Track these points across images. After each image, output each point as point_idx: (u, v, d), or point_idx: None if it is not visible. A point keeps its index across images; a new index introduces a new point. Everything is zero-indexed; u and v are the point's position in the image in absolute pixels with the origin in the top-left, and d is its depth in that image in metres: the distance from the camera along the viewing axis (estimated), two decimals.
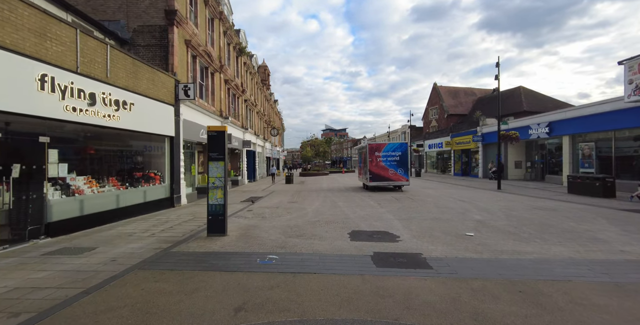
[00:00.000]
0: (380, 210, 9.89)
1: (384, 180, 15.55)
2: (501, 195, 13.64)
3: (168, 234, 6.78)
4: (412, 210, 9.74)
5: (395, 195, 14.15)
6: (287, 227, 7.44)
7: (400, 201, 11.99)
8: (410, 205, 10.81)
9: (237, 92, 21.77)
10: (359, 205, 10.94)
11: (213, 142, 6.58)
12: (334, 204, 11.40)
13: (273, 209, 10.44)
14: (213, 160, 6.54)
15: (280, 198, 13.64)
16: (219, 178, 6.52)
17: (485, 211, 9.51)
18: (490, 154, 26.52)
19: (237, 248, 5.63)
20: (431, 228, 7.27)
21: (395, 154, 15.63)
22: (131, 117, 8.61)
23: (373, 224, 7.76)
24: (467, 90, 46.14)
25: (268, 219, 8.54)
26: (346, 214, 9.15)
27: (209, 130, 6.59)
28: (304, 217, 8.70)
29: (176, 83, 11.25)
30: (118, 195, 8.44)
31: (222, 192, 6.51)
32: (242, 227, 7.49)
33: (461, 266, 4.69)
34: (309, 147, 55.61)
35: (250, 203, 12.02)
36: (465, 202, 11.69)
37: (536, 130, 19.78)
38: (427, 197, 13.30)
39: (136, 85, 8.91)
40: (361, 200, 12.39)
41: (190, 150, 13.59)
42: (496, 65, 17.29)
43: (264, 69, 34.87)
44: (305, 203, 11.83)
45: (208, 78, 15.87)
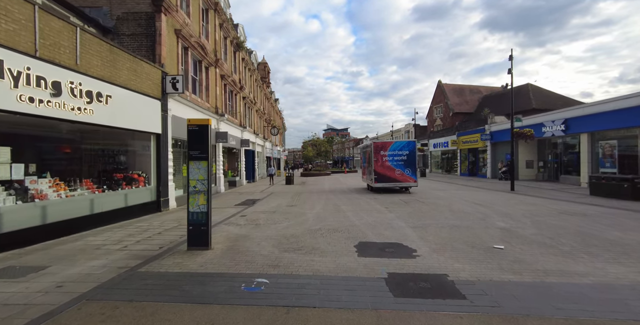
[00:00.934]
0: (389, 215, 8.85)
1: (390, 181, 14.50)
2: (517, 198, 12.56)
3: (142, 247, 5.76)
4: (425, 216, 8.69)
5: (403, 197, 13.10)
6: (283, 237, 6.41)
7: (410, 205, 10.94)
8: (421, 210, 9.76)
9: (235, 89, 20.78)
10: (365, 210, 9.90)
11: (194, 138, 5.56)
12: (336, 208, 10.37)
13: (269, 214, 9.42)
14: (194, 160, 5.52)
15: (279, 201, 12.62)
16: (201, 181, 5.50)
17: (507, 217, 8.45)
18: (499, 153, 25.42)
19: (219, 267, 4.60)
20: (451, 238, 6.22)
21: (402, 153, 14.58)
22: (108, 111, 7.61)
23: (383, 233, 6.72)
24: (472, 88, 44.98)
25: (262, 226, 7.52)
26: (351, 221, 8.12)
27: (189, 123, 5.57)
28: (303, 225, 7.67)
29: (163, 75, 10.25)
30: (92, 200, 7.44)
31: (205, 197, 5.50)
32: (230, 237, 6.47)
33: (502, 294, 3.65)
34: (310, 146, 54.60)
35: (245, 207, 11.00)
36: (481, 205, 10.63)
37: (551, 128, 18.67)
38: (438, 199, 12.24)
39: (114, 75, 7.91)
40: (367, 204, 11.35)
41: (180, 149, 12.59)
42: (509, 58, 16.18)
43: (264, 66, 33.85)
44: (306, 207, 10.80)
45: (202, 72, 14.87)
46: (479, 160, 28.90)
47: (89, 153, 8.82)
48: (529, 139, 18.24)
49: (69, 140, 8.14)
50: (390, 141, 14.77)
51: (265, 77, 33.72)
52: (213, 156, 16.61)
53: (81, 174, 7.99)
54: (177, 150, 12.20)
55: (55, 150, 7.86)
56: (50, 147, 7.75)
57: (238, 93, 21.76)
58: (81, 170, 8.33)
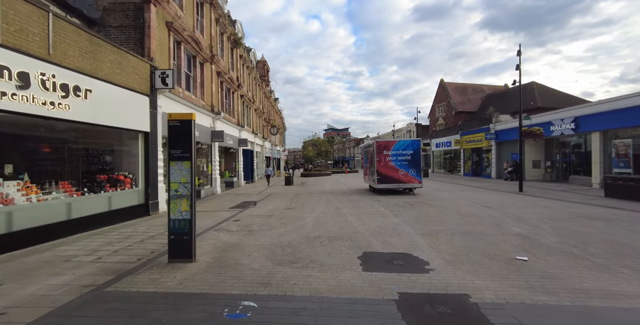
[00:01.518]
0: (395, 220, 8.18)
1: (393, 182, 13.83)
2: (528, 200, 11.88)
3: (119, 258, 5.10)
4: (433, 221, 8.02)
5: (407, 199, 12.43)
6: (279, 246, 5.74)
7: (416, 207, 10.27)
8: (428, 213, 9.09)
9: (232, 87, 20.12)
10: (368, 214, 9.24)
11: (176, 135, 4.89)
12: (337, 212, 9.70)
13: (265, 218, 8.75)
14: (176, 160, 4.86)
15: (276, 203, 11.95)
16: (183, 184, 4.84)
17: (522, 221, 7.78)
18: (504, 153, 24.74)
19: (201, 285, 3.94)
20: (466, 248, 5.56)
21: (406, 153, 13.91)
22: (88, 107, 6.95)
23: (389, 241, 6.05)
24: (475, 87, 44.27)
25: (256, 233, 6.85)
26: (353, 226, 7.45)
27: (169, 119, 4.90)
28: (300, 231, 7.01)
29: (152, 69, 9.59)
30: (70, 204, 6.78)
31: (189, 203, 4.83)
32: (219, 246, 5.80)
33: (540, 323, 2.99)
34: (310, 146, 53.92)
35: (240, 210, 10.34)
36: (490, 208, 9.96)
37: (559, 127, 17.99)
38: (445, 201, 11.57)
39: (95, 68, 7.25)
40: (369, 207, 10.68)
41: None
42: (517, 54, 15.50)
43: (263, 64, 33.18)
44: (304, 210, 10.13)
45: (196, 68, 14.22)
46: (483, 160, 28.21)
47: (72, 153, 8.16)
48: (539, 138, 17.55)
49: (49, 139, 7.48)
50: (393, 140, 14.10)
51: (265, 76, 33.05)
52: (209, 156, 15.98)
53: (61, 175, 7.33)
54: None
55: (33, 150, 7.20)
56: (26, 147, 7.09)
57: (236, 91, 21.11)
58: (63, 171, 7.67)
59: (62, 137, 7.68)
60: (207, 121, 15.27)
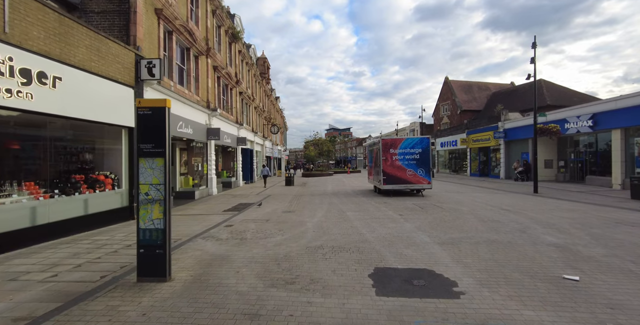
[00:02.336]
0: (406, 226, 7.25)
1: (400, 182, 12.89)
2: (548, 202, 10.92)
3: (79, 275, 4.21)
4: (450, 226, 7.10)
5: (417, 201, 11.49)
6: (273, 260, 4.84)
7: (427, 211, 9.34)
8: (443, 218, 8.16)
9: (230, 83, 19.25)
10: (376, 218, 8.32)
11: (146, 126, 3.99)
12: (341, 216, 8.79)
13: (261, 223, 7.85)
14: (146, 156, 3.96)
15: (275, 205, 11.05)
16: (155, 186, 3.94)
17: (552, 227, 6.85)
18: (513, 152, 23.74)
19: (170, 318, 3.04)
20: (497, 262, 4.64)
21: (415, 151, 12.97)
22: (58, 97, 6.08)
23: (404, 253, 5.13)
24: (480, 85, 43.24)
25: (249, 242, 5.94)
26: (361, 233, 6.53)
27: (138, 106, 4.00)
28: (300, 239, 6.10)
29: (137, 58, 8.71)
30: (34, 208, 5.90)
31: (162, 209, 3.94)
32: (203, 260, 4.90)
33: None
34: (312, 146, 52.97)
35: (234, 213, 9.44)
36: (510, 211, 9.02)
37: (575, 124, 17.00)
38: (458, 204, 10.63)
39: (66, 53, 6.38)
40: (376, 210, 9.76)
41: None
42: (532, 47, 14.54)
43: (263, 61, 32.28)
44: (305, 213, 9.22)
45: (190, 61, 13.34)
46: (490, 160, 27.20)
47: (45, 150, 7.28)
48: (554, 135, 16.54)
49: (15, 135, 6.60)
50: (400, 138, 13.17)
51: (265, 73, 32.16)
52: (204, 155, 15.11)
53: (28, 175, 6.46)
54: None
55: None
56: None
57: (234, 87, 20.23)
58: (31, 171, 6.79)
59: (32, 133, 6.80)
60: (202, 118, 14.40)
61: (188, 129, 12.47)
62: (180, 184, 14.05)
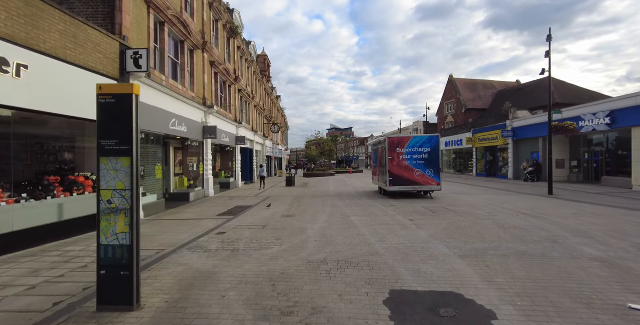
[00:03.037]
0: (420, 234, 6.46)
1: (408, 184, 12.09)
2: (570, 205, 10.10)
3: (25, 302, 3.45)
4: (469, 234, 6.30)
5: (426, 204, 10.69)
6: (268, 279, 4.06)
7: (440, 215, 8.54)
8: (459, 224, 7.36)
9: (229, 80, 18.49)
10: (384, 224, 7.53)
11: (108, 118, 3.22)
12: (346, 221, 8.00)
13: (257, 230, 7.07)
14: (108, 156, 3.19)
15: (274, 209, 10.27)
16: (120, 192, 3.17)
17: (586, 236, 6.04)
18: (522, 152, 22.88)
19: None
20: (536, 282, 3.85)
21: (423, 151, 12.17)
22: (23, 89, 5.33)
23: (422, 269, 4.35)
24: (485, 83, 42.32)
25: (241, 255, 5.16)
26: (369, 243, 5.75)
27: (99, 92, 3.22)
28: (300, 251, 5.31)
29: (123, 49, 7.95)
30: None
31: (128, 220, 3.17)
32: (184, 278, 4.12)
33: None
34: (313, 146, 52.15)
35: (229, 218, 8.67)
36: (532, 216, 8.22)
37: (591, 122, 16.15)
38: (472, 207, 9.82)
39: (35, 38, 5.62)
40: (383, 214, 8.97)
41: (154, 146, 10.32)
42: (547, 40, 13.73)
43: (264, 58, 31.51)
44: (306, 218, 8.44)
45: (185, 55, 12.58)
46: (498, 160, 26.34)
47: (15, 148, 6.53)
48: (571, 133, 15.67)
49: None
50: (408, 136, 12.36)
51: (265, 71, 31.39)
52: (200, 154, 14.36)
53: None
54: (147, 146, 9.94)
55: None
56: None
57: (233, 85, 19.48)
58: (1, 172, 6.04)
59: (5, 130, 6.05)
60: (198, 115, 13.64)
61: (182, 127, 11.72)
62: (174, 185, 13.31)
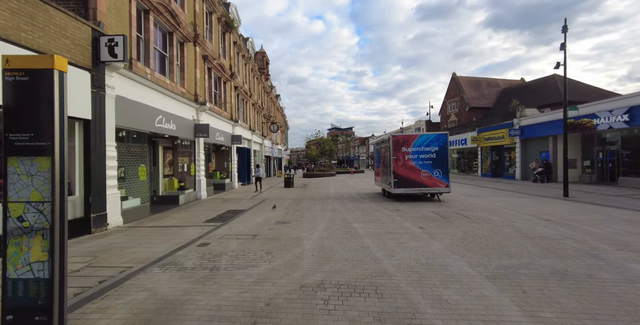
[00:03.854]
0: (434, 245, 5.57)
1: (414, 186, 11.20)
2: (593, 210, 9.21)
3: None
4: (490, 246, 5.41)
5: (435, 208, 9.79)
6: (249, 313, 3.16)
7: (452, 222, 7.65)
8: (476, 232, 6.47)
9: (224, 76, 17.61)
10: (391, 233, 6.63)
11: (19, 103, 2.33)
12: (348, 229, 7.11)
13: (245, 240, 6.19)
14: (20, 155, 2.31)
15: (268, 214, 9.39)
16: (35, 205, 2.29)
17: (632, 250, 5.15)
18: (530, 151, 21.97)
19: None
20: (596, 319, 2.96)
21: (430, 150, 11.28)
22: None
23: (444, 297, 3.45)
24: (489, 81, 41.39)
25: (221, 275, 4.27)
26: (376, 259, 4.86)
27: (6, 68, 2.33)
28: (293, 270, 4.42)
29: (96, 35, 7.08)
30: None
31: (47, 244, 2.28)
32: (143, 311, 3.23)
33: None
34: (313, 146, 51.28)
35: (217, 225, 7.79)
36: (554, 222, 7.32)
37: (607, 119, 15.24)
38: (485, 212, 8.93)
39: None
40: (389, 220, 8.08)
41: (138, 144, 9.46)
42: (563, 31, 12.83)
43: (262, 55, 30.61)
44: (303, 225, 7.56)
45: (174, 48, 11.71)
46: (504, 159, 25.43)
47: None
48: (588, 131, 14.74)
49: None
50: (414, 134, 11.46)
51: (264, 68, 30.50)
52: (191, 154, 13.48)
53: None
54: (130, 145, 9.07)
55: None
56: None
57: (228, 81, 18.60)
58: None
59: None
60: (189, 112, 12.77)
61: (170, 124, 10.84)
62: (163, 187, 12.43)
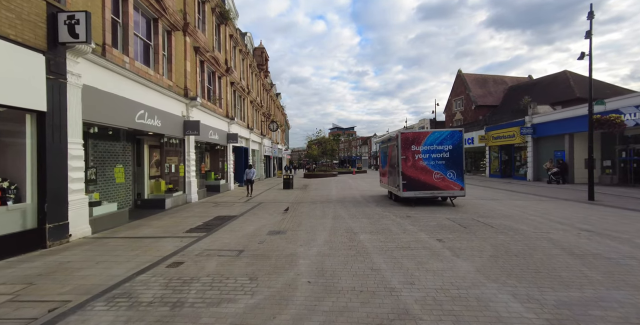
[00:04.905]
0: (461, 267, 4.42)
1: (425, 188, 10.03)
2: (631, 217, 8.03)
3: None
4: (534, 268, 4.26)
5: (450, 214, 8.64)
6: None
7: (475, 232, 6.49)
8: (508, 247, 5.31)
9: (218, 70, 16.49)
10: (406, 248, 5.48)
11: None
12: (352, 241, 5.98)
13: (228, 259, 5.05)
14: None
15: (261, 221, 8.26)
16: None
17: None
18: (544, 150, 20.76)
19: None
20: None
21: (443, 149, 10.13)
22: None
23: None
24: (496, 78, 40.09)
25: (182, 316, 3.15)
26: (391, 288, 3.71)
27: None
28: (281, 311, 3.28)
29: (53, 11, 5.97)
30: None
31: None
32: None
33: None
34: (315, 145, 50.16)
35: (199, 235, 6.67)
36: (597, 233, 6.16)
37: (633, 116, 14.04)
38: (509, 219, 7.77)
39: None
40: (400, 229, 6.93)
41: (115, 143, 8.36)
42: (588, 18, 11.64)
43: (261, 51, 29.48)
44: (299, 237, 6.42)
45: (159, 36, 10.59)
46: (514, 159, 24.20)
47: None
48: (617, 128, 13.42)
49: None
50: (425, 131, 10.28)
51: (263, 65, 29.37)
52: (181, 153, 12.39)
53: None
54: (104, 143, 7.98)
55: None
56: None
57: (224, 76, 17.49)
58: None
59: None
60: (177, 108, 11.67)
61: (154, 120, 9.74)
62: (149, 190, 11.33)
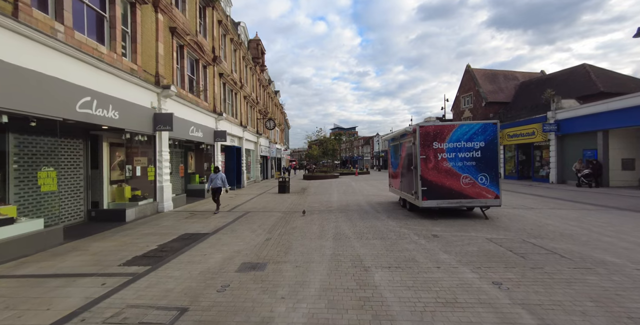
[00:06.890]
0: None
1: (451, 196, 7.93)
2: None
3: None
4: None
5: (489, 232, 6.54)
6: None
7: (538, 265, 4.39)
8: (617, 300, 3.23)
9: (203, 59, 14.46)
10: (451, 303, 3.41)
11: None
12: (363, 287, 3.90)
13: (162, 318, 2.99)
14: None
15: (237, 244, 6.18)
16: None
17: None
18: (570, 150, 18.61)
19: None
20: None
21: (474, 146, 8.03)
22: None
23: None
24: (507, 74, 37.90)
25: None
26: None
27: None
28: None
29: None
30: None
31: None
32: None
33: None
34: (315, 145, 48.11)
35: (137, 272, 4.61)
36: None
37: None
38: (574, 242, 5.66)
39: None
40: (431, 261, 4.84)
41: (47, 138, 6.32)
42: None
43: (257, 43, 27.44)
44: (283, 278, 4.35)
45: (115, 6, 8.55)
46: (534, 159, 22.04)
47: None
48: None
49: None
50: (450, 124, 8.17)
51: (259, 58, 27.32)
52: (150, 153, 10.35)
53: None
54: (24, 139, 5.94)
55: None
56: None
57: (210, 65, 15.45)
58: None
59: None
60: (146, 97, 9.63)
61: (108, 111, 7.72)
62: (110, 198, 9.29)
